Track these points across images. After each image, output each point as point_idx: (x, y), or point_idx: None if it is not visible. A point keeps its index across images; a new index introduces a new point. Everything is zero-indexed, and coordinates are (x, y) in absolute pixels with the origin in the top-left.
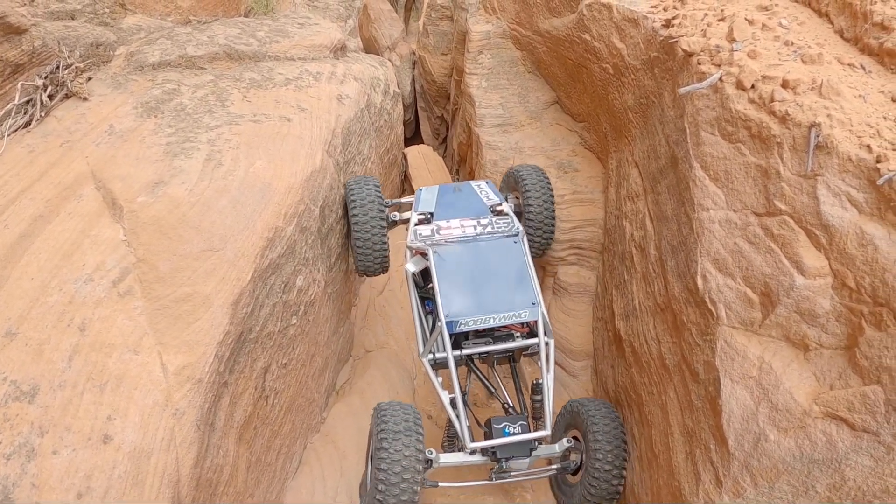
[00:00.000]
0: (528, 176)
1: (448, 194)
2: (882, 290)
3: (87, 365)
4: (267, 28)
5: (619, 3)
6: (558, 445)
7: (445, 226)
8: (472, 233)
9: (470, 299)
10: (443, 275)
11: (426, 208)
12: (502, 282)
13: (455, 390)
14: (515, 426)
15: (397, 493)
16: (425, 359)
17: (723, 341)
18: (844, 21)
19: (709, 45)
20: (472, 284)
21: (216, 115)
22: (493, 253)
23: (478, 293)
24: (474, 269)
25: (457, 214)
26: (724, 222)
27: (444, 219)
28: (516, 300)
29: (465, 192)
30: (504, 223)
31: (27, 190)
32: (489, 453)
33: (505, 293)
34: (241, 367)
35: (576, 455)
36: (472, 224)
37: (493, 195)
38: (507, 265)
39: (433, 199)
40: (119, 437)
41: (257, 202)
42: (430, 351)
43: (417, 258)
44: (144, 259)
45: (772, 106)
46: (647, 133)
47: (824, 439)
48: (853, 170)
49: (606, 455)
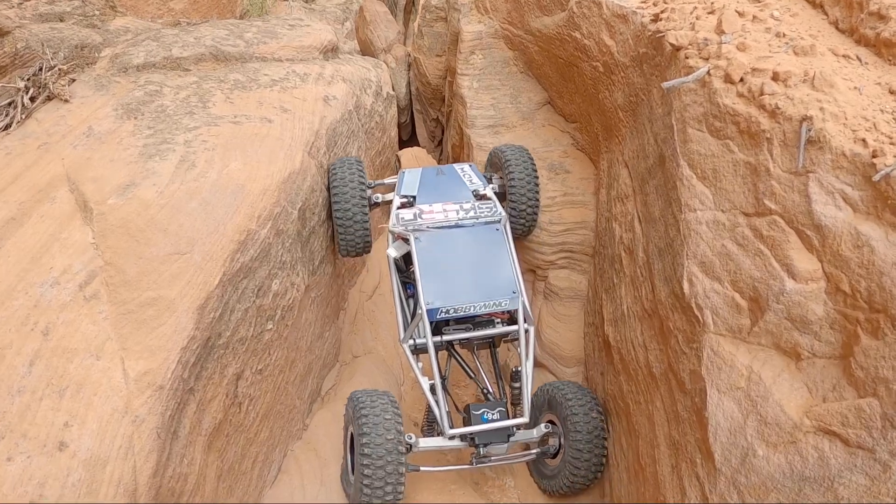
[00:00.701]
0: (511, 156)
1: (431, 177)
2: (879, 295)
3: (48, 370)
4: (256, 30)
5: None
6: (536, 431)
7: (428, 210)
8: (454, 217)
9: (451, 286)
10: (424, 261)
11: (409, 191)
12: (484, 269)
13: (435, 376)
14: (494, 412)
15: (383, 476)
16: (405, 344)
17: (709, 349)
18: (839, 11)
19: (697, 38)
20: (454, 271)
21: (196, 116)
22: (476, 240)
23: (459, 280)
24: (456, 255)
25: (439, 198)
26: (712, 223)
27: (426, 202)
28: (497, 288)
29: (448, 176)
30: (487, 208)
31: (1, 192)
32: (468, 439)
33: (486, 281)
34: (210, 373)
35: (553, 439)
36: (455, 209)
37: (476, 179)
38: (489, 252)
39: (416, 182)
40: (75, 444)
41: (229, 204)
42: (411, 336)
43: (399, 243)
44: (111, 262)
45: (761, 100)
46: (636, 132)
47: (816, 455)
48: (847, 166)
49: (584, 437)
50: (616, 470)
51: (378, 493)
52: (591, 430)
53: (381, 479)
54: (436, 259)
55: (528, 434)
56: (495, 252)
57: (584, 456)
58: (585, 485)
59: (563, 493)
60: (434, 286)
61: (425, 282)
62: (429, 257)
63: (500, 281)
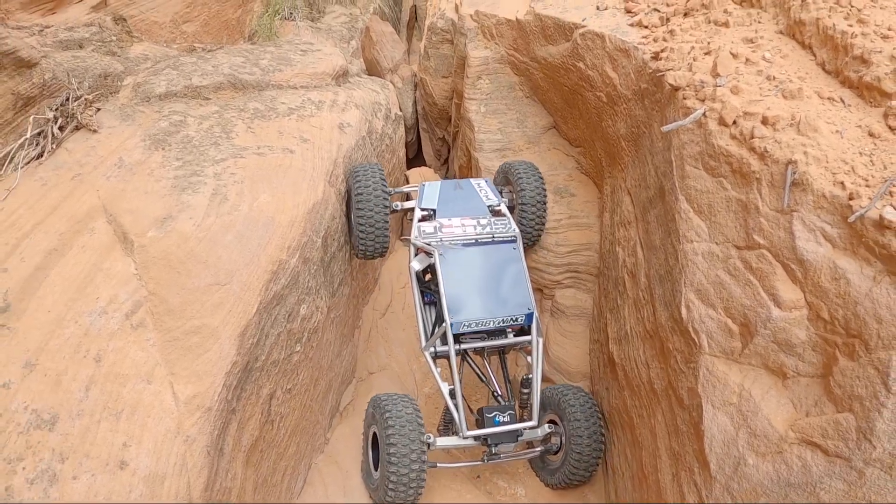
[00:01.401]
0: (524, 173)
1: (449, 191)
2: (854, 321)
3: (103, 394)
4: (270, 56)
5: (612, 34)
6: (540, 430)
7: (447, 224)
8: (472, 233)
9: (472, 302)
10: (447, 277)
11: (429, 205)
12: (501, 285)
13: (455, 382)
14: (505, 415)
15: (407, 472)
16: (427, 352)
17: (705, 369)
18: (826, 54)
19: (694, 80)
20: (474, 287)
21: (222, 147)
22: (494, 257)
23: (479, 296)
24: (476, 272)
25: (458, 213)
26: (707, 254)
27: (445, 216)
28: (514, 304)
29: (465, 190)
30: (502, 224)
31: (41, 223)
32: (481, 439)
33: (504, 296)
34: (248, 394)
35: (556, 438)
36: (473, 224)
37: (492, 195)
38: (507, 270)
39: (435, 195)
40: (134, 462)
41: (261, 236)
42: (433, 345)
43: (422, 256)
44: (155, 293)
45: (752, 142)
46: (638, 162)
47: (800, 464)
48: (827, 206)
49: (584, 435)
50: (621, 479)
51: (402, 486)
52: (590, 430)
53: (406, 475)
54: (458, 275)
55: (534, 433)
56: (511, 269)
57: (585, 452)
58: (583, 479)
59: (563, 487)
60: (457, 301)
61: (449, 297)
62: (451, 273)
63: (516, 297)
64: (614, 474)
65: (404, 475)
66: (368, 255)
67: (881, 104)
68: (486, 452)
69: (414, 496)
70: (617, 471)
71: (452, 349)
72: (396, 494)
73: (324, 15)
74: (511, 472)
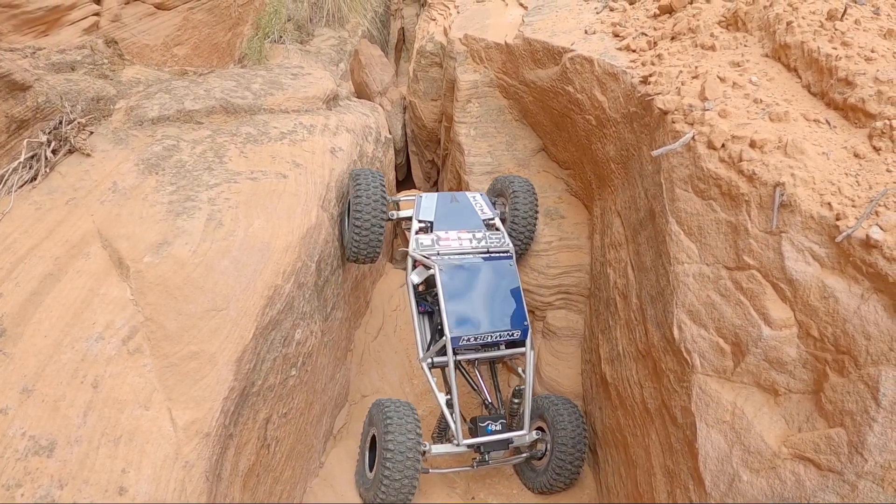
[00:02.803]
0: (519, 187)
1: (446, 204)
2: (843, 339)
3: (102, 420)
4: (261, 80)
5: (601, 57)
6: (528, 437)
7: (444, 237)
8: (468, 246)
9: (471, 316)
10: (447, 292)
11: (426, 216)
12: (498, 300)
13: (453, 392)
14: (497, 424)
15: (401, 478)
16: (425, 363)
17: (698, 388)
18: (811, 76)
19: (682, 104)
20: (473, 301)
21: (215, 172)
22: (491, 272)
23: (478, 310)
24: (475, 286)
25: (454, 226)
26: (698, 275)
27: (442, 229)
28: (510, 319)
29: (461, 203)
30: (497, 238)
31: (36, 247)
32: (474, 447)
33: (501, 311)
34: (245, 419)
35: (541, 444)
36: (469, 237)
37: (486, 209)
38: (503, 284)
39: (432, 208)
40: (134, 488)
41: (257, 262)
42: (430, 357)
43: (420, 269)
44: (152, 318)
45: (740, 165)
46: (628, 184)
47: (793, 479)
48: (815, 227)
49: (569, 444)
50: (616, 498)
51: (394, 490)
52: (575, 439)
53: (399, 480)
54: (457, 290)
55: (522, 440)
56: (507, 284)
57: (568, 460)
58: (565, 485)
59: (545, 491)
60: (456, 316)
61: (449, 312)
62: (451, 288)
63: (512, 311)
64: (609, 493)
65: (398, 480)
66: (359, 259)
67: (866, 125)
68: (475, 459)
69: (405, 499)
70: (612, 490)
71: (451, 361)
72: (388, 497)
73: (313, 38)
74: (506, 493)
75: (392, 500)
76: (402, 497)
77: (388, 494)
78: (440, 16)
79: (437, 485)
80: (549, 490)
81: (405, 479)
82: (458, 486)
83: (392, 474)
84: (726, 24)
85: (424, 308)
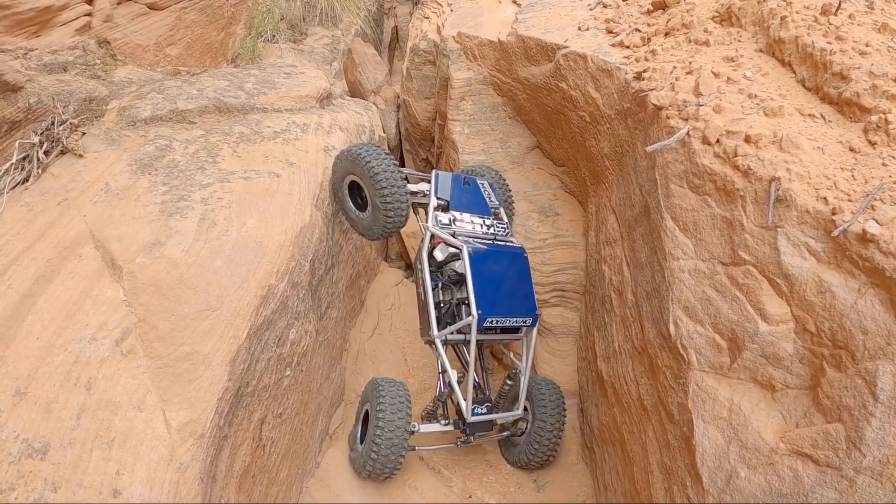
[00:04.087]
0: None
1: (460, 185)
2: (840, 333)
3: (95, 423)
4: (254, 79)
5: (594, 54)
6: (511, 416)
7: (460, 218)
8: (479, 231)
9: (495, 301)
10: (477, 275)
11: (443, 195)
12: (517, 288)
13: (469, 369)
14: (482, 407)
15: (388, 453)
16: (439, 340)
17: (694, 384)
18: (806, 71)
19: (677, 99)
20: (497, 288)
21: (208, 171)
22: (511, 260)
23: (501, 295)
24: (497, 273)
25: (468, 209)
26: (694, 271)
27: (458, 210)
28: (525, 306)
29: (472, 188)
30: (503, 227)
31: (28, 249)
32: (460, 426)
33: (520, 298)
34: (240, 419)
35: (522, 423)
36: (480, 222)
37: (493, 198)
38: (520, 275)
39: (448, 187)
40: (128, 491)
41: (250, 262)
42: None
43: (442, 246)
44: (145, 319)
45: (735, 160)
46: (622, 181)
47: (791, 475)
48: (811, 221)
49: (546, 426)
50: (614, 495)
51: (380, 465)
52: (554, 420)
53: (386, 456)
54: (483, 273)
55: (506, 418)
56: (524, 275)
57: (546, 437)
58: (541, 462)
59: (521, 467)
60: (484, 298)
61: (478, 293)
62: (478, 270)
63: (527, 300)
64: (606, 490)
65: (384, 456)
66: (386, 233)
67: (861, 119)
68: (460, 438)
69: (389, 474)
70: (609, 487)
71: (474, 339)
72: (374, 470)
73: (306, 37)
74: (503, 492)
75: (377, 474)
76: (388, 472)
77: (375, 469)
78: (433, 14)
79: (435, 484)
80: (525, 466)
81: (392, 456)
82: (454, 485)
83: (380, 451)
84: (720, 19)
85: (434, 284)
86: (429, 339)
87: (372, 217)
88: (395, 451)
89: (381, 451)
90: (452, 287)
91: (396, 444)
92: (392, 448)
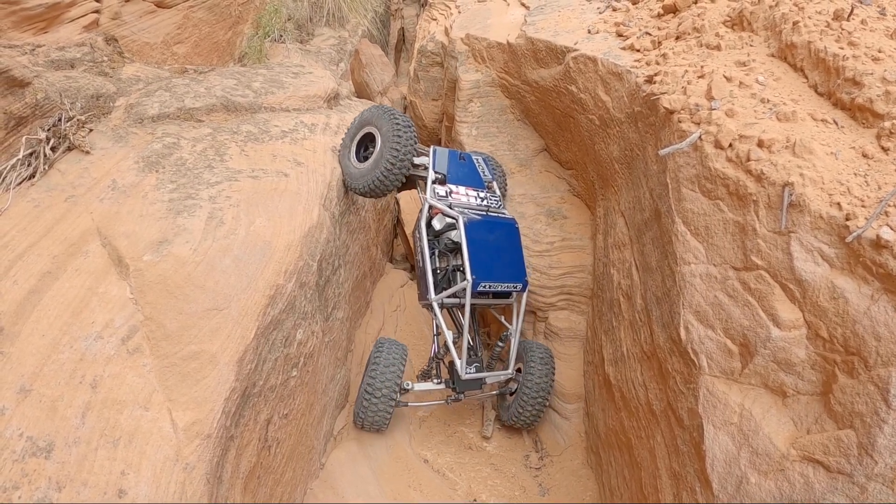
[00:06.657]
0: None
1: (455, 160)
2: (853, 339)
3: (100, 421)
4: (262, 79)
5: (604, 57)
6: (503, 375)
7: (455, 190)
8: (474, 203)
9: (488, 266)
10: (472, 242)
11: (441, 169)
12: (509, 255)
13: (464, 331)
14: (471, 368)
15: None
16: (436, 303)
17: (705, 389)
18: (818, 76)
19: (688, 103)
20: (490, 254)
21: (216, 170)
22: (502, 230)
23: (494, 262)
24: (490, 241)
25: (463, 182)
26: (705, 276)
27: (454, 183)
28: (517, 272)
29: (468, 163)
30: (495, 199)
31: (34, 245)
32: (451, 385)
33: (511, 265)
34: (246, 420)
35: (513, 383)
36: (475, 194)
37: (487, 172)
38: (512, 243)
39: (445, 161)
40: (133, 491)
41: (258, 261)
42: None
43: (440, 217)
44: (152, 317)
45: (748, 165)
46: (632, 184)
47: (802, 481)
48: (824, 227)
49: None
50: (619, 500)
51: (370, 417)
52: (541, 382)
53: (376, 406)
54: (478, 241)
55: (496, 377)
56: (515, 244)
57: (530, 401)
58: (527, 422)
59: (510, 425)
60: (477, 264)
61: (472, 259)
62: (473, 238)
63: (518, 267)
64: (612, 495)
65: (373, 405)
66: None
67: (873, 125)
68: (450, 396)
69: (378, 427)
70: (615, 492)
71: (469, 303)
72: (364, 421)
73: (313, 37)
74: (507, 495)
75: (367, 426)
76: (377, 425)
77: (365, 420)
78: (441, 15)
79: (440, 487)
80: (513, 423)
81: (381, 412)
82: (459, 488)
83: (370, 401)
84: (731, 23)
85: (432, 251)
86: (426, 303)
87: (370, 168)
88: (383, 405)
89: (371, 400)
90: (448, 255)
91: (386, 397)
92: (381, 400)
